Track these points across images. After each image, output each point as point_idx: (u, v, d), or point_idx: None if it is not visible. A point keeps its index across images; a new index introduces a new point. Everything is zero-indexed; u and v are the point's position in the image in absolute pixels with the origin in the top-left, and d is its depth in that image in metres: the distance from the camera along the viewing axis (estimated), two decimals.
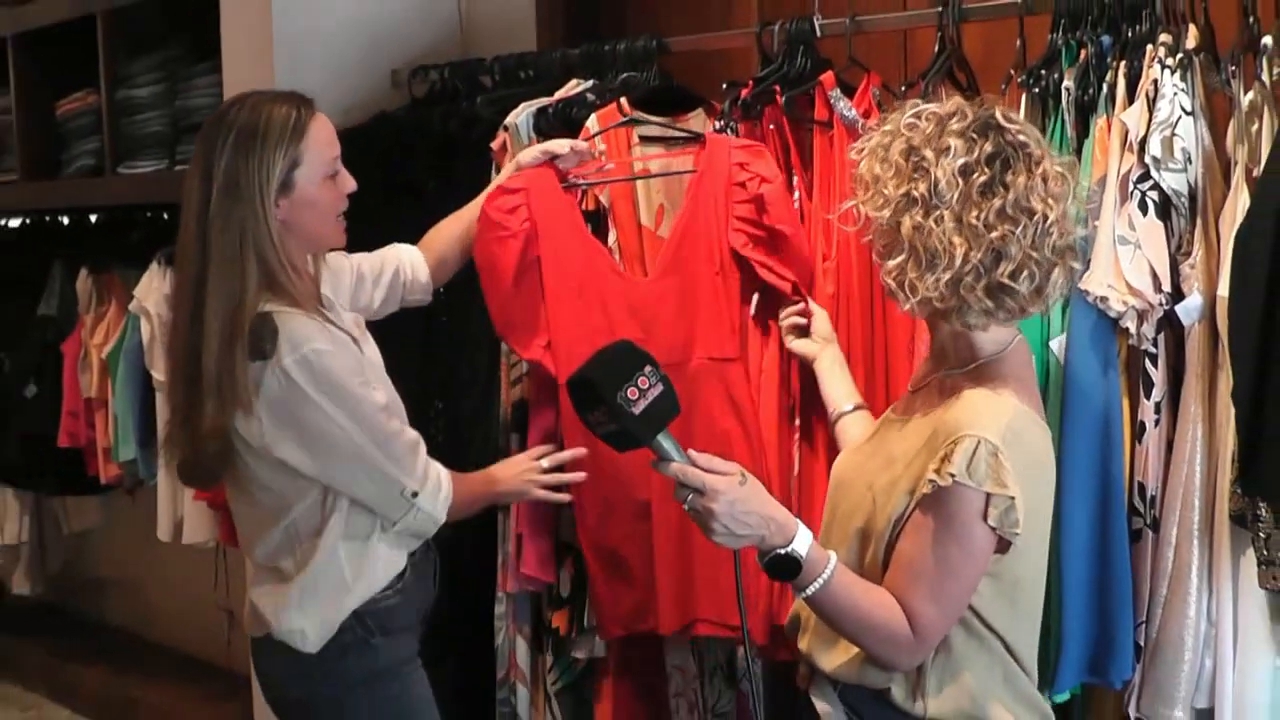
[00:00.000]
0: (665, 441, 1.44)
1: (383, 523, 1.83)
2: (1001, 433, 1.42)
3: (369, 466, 1.78)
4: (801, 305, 1.93)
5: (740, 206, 1.98)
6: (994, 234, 1.41)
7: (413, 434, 1.86)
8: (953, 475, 1.40)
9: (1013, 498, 1.41)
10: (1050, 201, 1.43)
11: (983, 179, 1.42)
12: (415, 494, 1.81)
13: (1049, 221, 1.42)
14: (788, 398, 2.00)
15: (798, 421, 2.01)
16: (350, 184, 1.84)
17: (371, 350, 1.92)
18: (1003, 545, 1.44)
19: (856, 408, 1.81)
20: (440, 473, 1.87)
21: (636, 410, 1.40)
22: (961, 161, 1.43)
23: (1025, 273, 1.42)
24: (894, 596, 1.45)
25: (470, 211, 2.08)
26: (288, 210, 1.77)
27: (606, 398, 1.40)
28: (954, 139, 1.44)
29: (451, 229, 2.09)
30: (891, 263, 1.46)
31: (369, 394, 1.79)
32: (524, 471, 1.97)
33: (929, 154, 1.44)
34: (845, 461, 1.62)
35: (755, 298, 2.00)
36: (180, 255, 1.77)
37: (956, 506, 1.41)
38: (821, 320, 1.91)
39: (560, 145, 2.04)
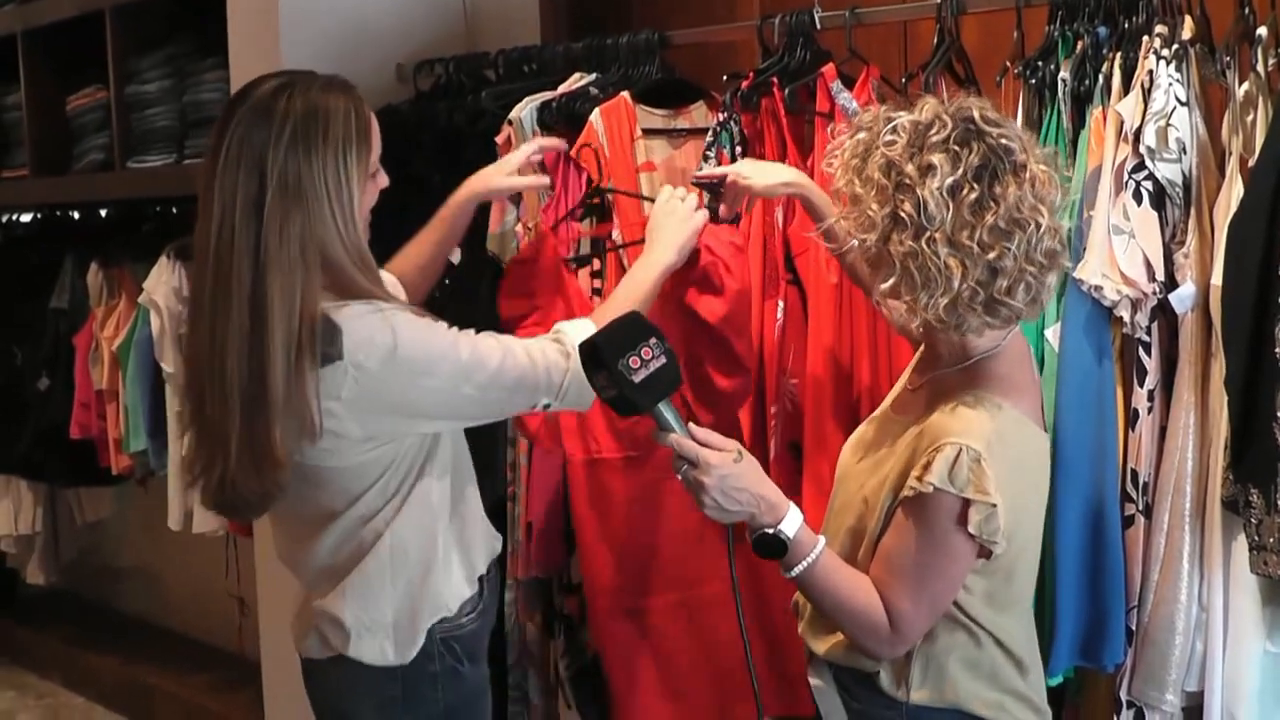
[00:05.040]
0: (665, 411, 1.47)
1: (455, 529, 1.68)
2: (986, 439, 1.41)
3: (490, 408, 1.66)
4: None
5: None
6: (990, 254, 1.38)
7: (501, 350, 1.62)
8: (933, 484, 1.40)
9: (994, 505, 1.40)
10: (1040, 207, 1.40)
11: (973, 196, 1.38)
12: (548, 405, 1.66)
13: (1041, 230, 1.40)
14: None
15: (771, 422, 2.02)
16: (384, 179, 1.69)
17: None
18: (985, 550, 1.44)
19: None
20: (557, 357, 1.64)
21: (636, 379, 1.44)
22: (950, 181, 1.38)
23: (1021, 285, 1.40)
24: (876, 589, 1.46)
25: (434, 229, 1.97)
26: None
27: (609, 363, 1.45)
28: (936, 155, 1.39)
29: (418, 252, 1.97)
30: (885, 285, 1.43)
31: (454, 341, 1.60)
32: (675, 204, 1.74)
33: (910, 170, 1.39)
34: (846, 458, 1.63)
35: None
36: (214, 257, 1.54)
37: (935, 512, 1.41)
38: None
39: (529, 176, 1.99)
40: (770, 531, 1.46)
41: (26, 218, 3.96)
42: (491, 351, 1.63)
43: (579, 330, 1.67)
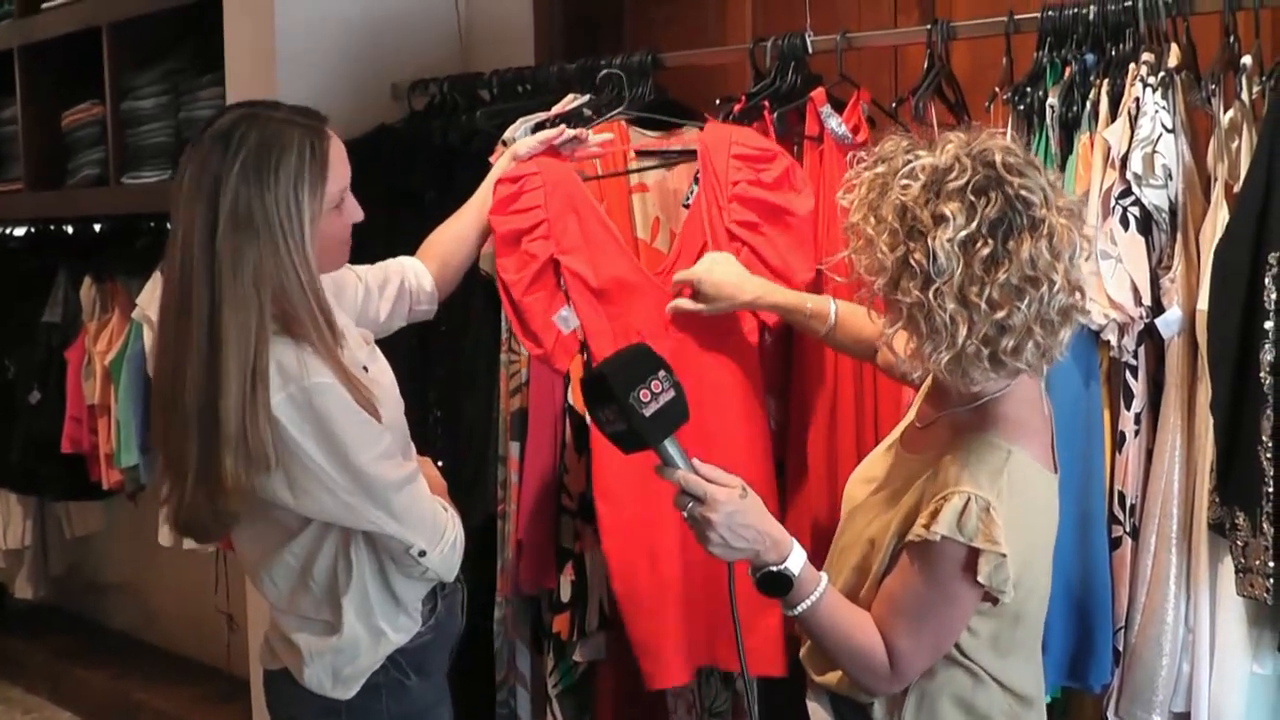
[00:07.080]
0: (671, 447, 1.45)
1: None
2: (996, 487, 1.39)
3: (364, 522, 1.62)
4: None
5: (739, 186, 1.97)
6: (999, 313, 1.33)
7: (409, 473, 1.67)
8: (940, 533, 1.38)
9: (1004, 555, 1.37)
10: (1057, 264, 1.35)
11: (985, 251, 1.33)
12: (423, 553, 1.65)
13: (1055, 287, 1.35)
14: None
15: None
16: (357, 214, 1.68)
17: (380, 370, 1.75)
18: (991, 597, 1.42)
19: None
20: (448, 519, 1.71)
21: (647, 412, 1.41)
22: (964, 234, 1.33)
23: (1030, 343, 1.36)
24: (877, 628, 1.46)
25: (469, 213, 2.02)
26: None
27: (619, 397, 1.41)
28: (952, 204, 1.34)
29: (450, 233, 2.01)
30: (890, 329, 1.42)
31: (368, 440, 1.59)
32: None
33: (925, 217, 1.35)
34: (853, 490, 1.60)
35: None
36: (178, 286, 1.55)
37: (941, 559, 1.40)
38: None
39: (556, 133, 2.00)
40: (775, 570, 1.44)
41: (21, 231, 3.96)
42: (394, 466, 1.64)
43: (453, 519, 1.72)
